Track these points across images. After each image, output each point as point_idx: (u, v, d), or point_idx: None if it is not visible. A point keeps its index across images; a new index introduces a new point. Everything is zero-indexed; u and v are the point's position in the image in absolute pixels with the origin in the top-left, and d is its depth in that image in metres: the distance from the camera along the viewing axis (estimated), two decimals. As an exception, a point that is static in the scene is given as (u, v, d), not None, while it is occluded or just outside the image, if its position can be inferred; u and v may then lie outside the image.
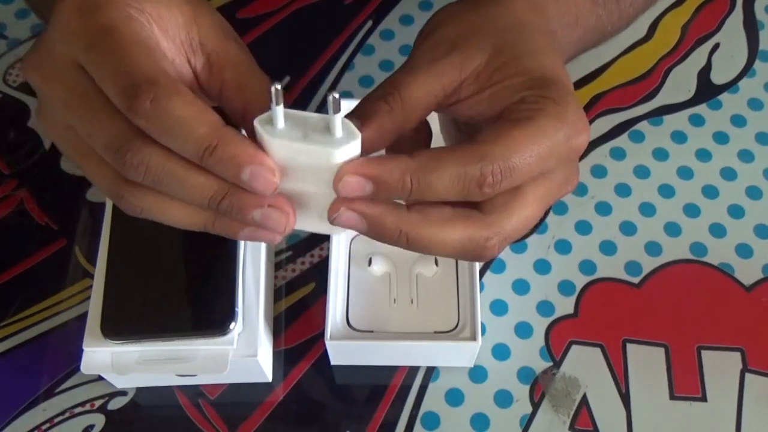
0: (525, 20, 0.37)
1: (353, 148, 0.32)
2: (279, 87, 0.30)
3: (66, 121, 0.34)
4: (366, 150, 0.33)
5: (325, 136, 0.32)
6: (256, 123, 0.32)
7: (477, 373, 0.48)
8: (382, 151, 0.35)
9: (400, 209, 0.34)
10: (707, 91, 0.58)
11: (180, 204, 0.34)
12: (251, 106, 0.34)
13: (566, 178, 0.36)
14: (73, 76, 0.33)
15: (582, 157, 0.55)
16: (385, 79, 0.35)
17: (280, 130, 0.32)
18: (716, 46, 0.60)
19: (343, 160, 0.32)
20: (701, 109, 0.57)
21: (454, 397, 0.47)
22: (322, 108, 0.57)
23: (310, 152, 0.32)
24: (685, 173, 0.55)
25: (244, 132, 0.34)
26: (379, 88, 0.35)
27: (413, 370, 0.48)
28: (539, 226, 0.53)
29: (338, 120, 0.31)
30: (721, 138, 0.56)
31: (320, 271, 0.51)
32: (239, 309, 0.43)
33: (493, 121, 0.35)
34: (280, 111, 0.31)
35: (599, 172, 0.55)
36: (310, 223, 0.35)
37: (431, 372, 0.48)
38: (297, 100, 0.57)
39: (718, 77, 0.59)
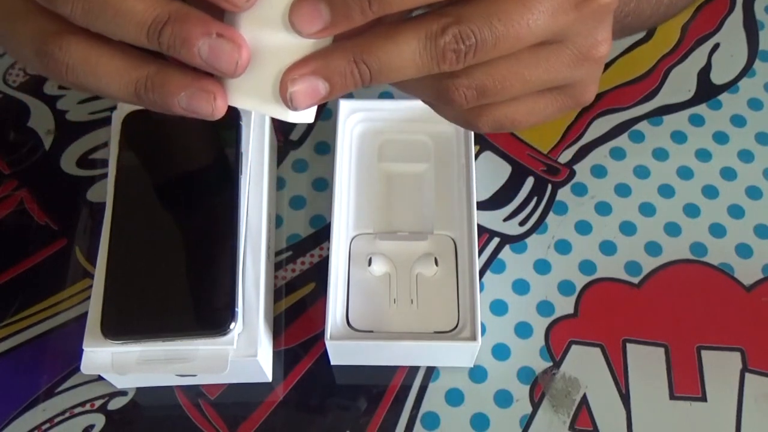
0: None
1: None
2: None
3: (6, 28, 0.31)
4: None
5: None
6: None
7: (477, 373, 0.48)
8: None
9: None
10: (707, 91, 0.58)
11: (110, 57, 0.30)
12: None
13: (589, 43, 0.31)
14: None
15: (582, 157, 0.55)
16: None
17: None
18: (716, 46, 0.60)
19: None
20: (701, 109, 0.57)
21: (454, 397, 0.47)
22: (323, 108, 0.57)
23: None
24: (685, 173, 0.55)
25: None
26: None
27: (413, 370, 0.48)
28: (539, 227, 0.53)
29: None
30: (721, 138, 0.56)
31: (320, 271, 0.51)
32: (239, 309, 0.43)
33: None
34: None
35: (599, 172, 0.55)
36: (255, 96, 0.31)
37: (431, 372, 0.48)
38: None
39: (718, 77, 0.59)
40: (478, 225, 0.50)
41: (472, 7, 0.29)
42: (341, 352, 0.47)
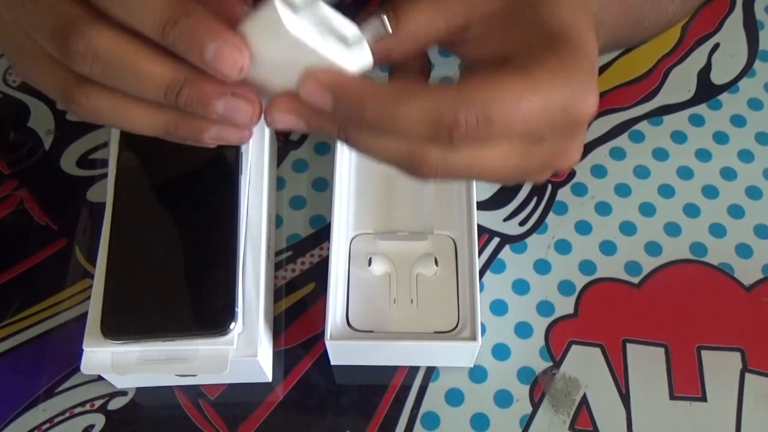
0: None
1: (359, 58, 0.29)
2: None
3: (11, 17, 0.31)
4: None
5: (339, 43, 0.29)
6: None
7: (477, 373, 0.48)
8: None
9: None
10: (707, 91, 0.58)
11: (136, 104, 0.31)
12: None
13: (559, 150, 0.32)
14: None
15: (582, 157, 0.55)
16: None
17: (298, 15, 0.28)
18: (716, 46, 0.60)
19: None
20: (701, 109, 0.57)
21: (454, 397, 0.47)
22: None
23: (312, 53, 0.29)
24: (685, 173, 0.55)
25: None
26: (380, 2, 0.32)
27: (413, 370, 0.48)
28: (539, 227, 0.53)
29: (363, 37, 0.29)
30: (721, 138, 0.56)
31: (320, 271, 0.51)
32: (239, 309, 0.43)
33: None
34: None
35: (599, 172, 0.55)
36: None
37: (431, 372, 0.48)
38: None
39: (718, 77, 0.59)
40: (478, 225, 0.50)
41: (470, 93, 0.29)
42: (341, 352, 0.47)
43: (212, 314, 0.43)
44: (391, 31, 0.30)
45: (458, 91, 0.29)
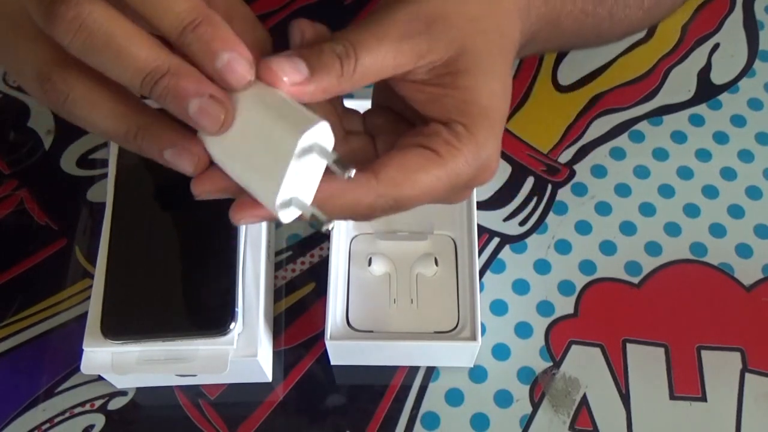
0: (495, 4, 0.36)
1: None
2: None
3: (8, 49, 0.32)
4: (297, 94, 0.32)
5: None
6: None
7: (477, 373, 0.48)
8: None
9: None
10: (707, 91, 0.58)
11: (109, 99, 0.31)
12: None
13: (456, 196, 0.37)
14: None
15: (582, 157, 0.55)
16: (348, 30, 0.33)
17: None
18: (716, 46, 0.60)
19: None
20: (701, 109, 0.57)
21: (454, 397, 0.47)
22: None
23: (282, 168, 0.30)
24: (685, 173, 0.55)
25: None
26: (339, 40, 0.33)
27: (413, 370, 0.48)
28: (539, 227, 0.53)
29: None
30: (721, 138, 0.56)
31: (320, 271, 0.51)
32: (239, 309, 0.43)
33: (420, 122, 0.35)
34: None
35: (599, 172, 0.55)
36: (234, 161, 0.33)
37: (431, 372, 0.48)
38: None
39: (718, 77, 0.59)
40: (478, 225, 0.50)
41: (384, 187, 0.33)
42: (341, 352, 0.47)
43: (212, 314, 0.43)
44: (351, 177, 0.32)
45: (378, 185, 0.33)
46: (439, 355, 0.47)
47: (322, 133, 0.31)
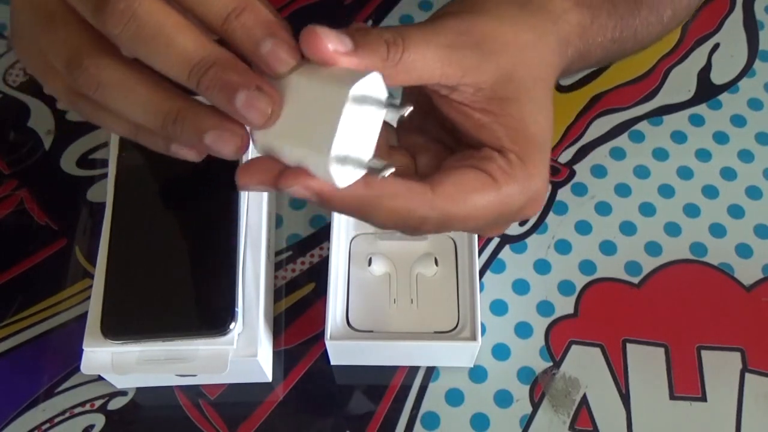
0: (543, 36, 0.36)
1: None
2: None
3: (32, 39, 0.32)
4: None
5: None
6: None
7: (477, 373, 0.48)
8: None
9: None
10: (707, 91, 0.58)
11: (146, 84, 0.31)
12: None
13: (500, 226, 0.37)
14: None
15: (582, 157, 0.55)
16: (403, 25, 0.33)
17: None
18: (716, 46, 0.60)
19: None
20: (701, 109, 0.57)
21: (454, 397, 0.47)
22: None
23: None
24: (685, 173, 0.55)
25: None
26: (390, 30, 0.32)
27: (413, 370, 0.48)
28: (539, 227, 0.53)
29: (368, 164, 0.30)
30: (721, 138, 0.56)
31: (320, 271, 0.51)
32: (239, 309, 0.43)
33: (468, 147, 0.35)
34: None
35: (599, 172, 0.55)
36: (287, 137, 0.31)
37: (431, 372, 0.48)
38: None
39: (718, 77, 0.59)
40: (478, 225, 0.50)
41: (438, 201, 0.33)
42: (341, 352, 0.47)
43: (212, 314, 0.43)
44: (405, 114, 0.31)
45: (434, 199, 0.33)
46: (439, 355, 0.47)
47: (375, 85, 0.30)
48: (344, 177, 0.30)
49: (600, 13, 0.40)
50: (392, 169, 0.30)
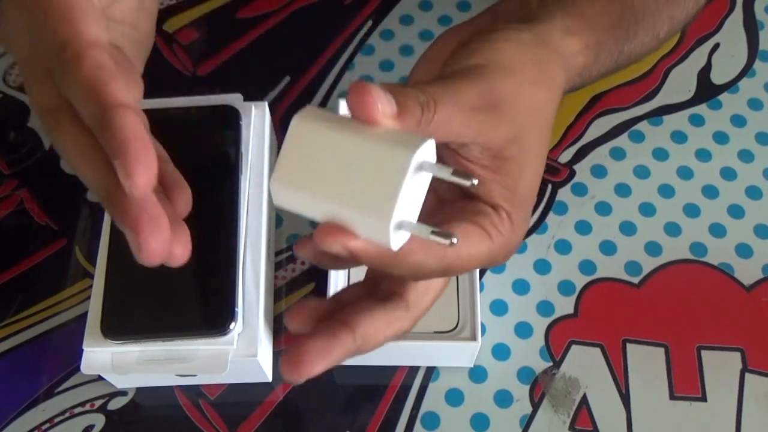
0: (554, 89, 0.37)
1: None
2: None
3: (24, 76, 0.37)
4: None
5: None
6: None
7: (477, 373, 0.48)
8: None
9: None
10: (707, 91, 0.58)
11: (92, 156, 0.34)
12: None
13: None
14: (24, 40, 0.36)
15: (582, 157, 0.55)
16: (428, 83, 0.33)
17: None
18: (716, 46, 0.60)
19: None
20: (701, 109, 0.57)
21: (454, 397, 0.47)
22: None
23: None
24: (685, 173, 0.55)
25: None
26: (423, 88, 0.32)
27: (413, 370, 0.48)
28: (539, 227, 0.53)
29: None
30: (721, 138, 0.56)
31: (320, 271, 0.51)
32: (239, 309, 0.43)
33: (466, 197, 0.35)
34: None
35: (599, 172, 0.55)
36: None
37: (431, 372, 0.48)
38: (297, 101, 0.57)
39: (718, 77, 0.59)
40: (478, 225, 0.50)
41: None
42: (341, 352, 0.47)
43: (212, 314, 0.43)
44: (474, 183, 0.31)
45: (444, 252, 0.33)
46: (439, 355, 0.47)
47: (430, 151, 0.30)
48: (398, 240, 0.30)
49: (602, 50, 0.41)
50: (457, 238, 0.30)
